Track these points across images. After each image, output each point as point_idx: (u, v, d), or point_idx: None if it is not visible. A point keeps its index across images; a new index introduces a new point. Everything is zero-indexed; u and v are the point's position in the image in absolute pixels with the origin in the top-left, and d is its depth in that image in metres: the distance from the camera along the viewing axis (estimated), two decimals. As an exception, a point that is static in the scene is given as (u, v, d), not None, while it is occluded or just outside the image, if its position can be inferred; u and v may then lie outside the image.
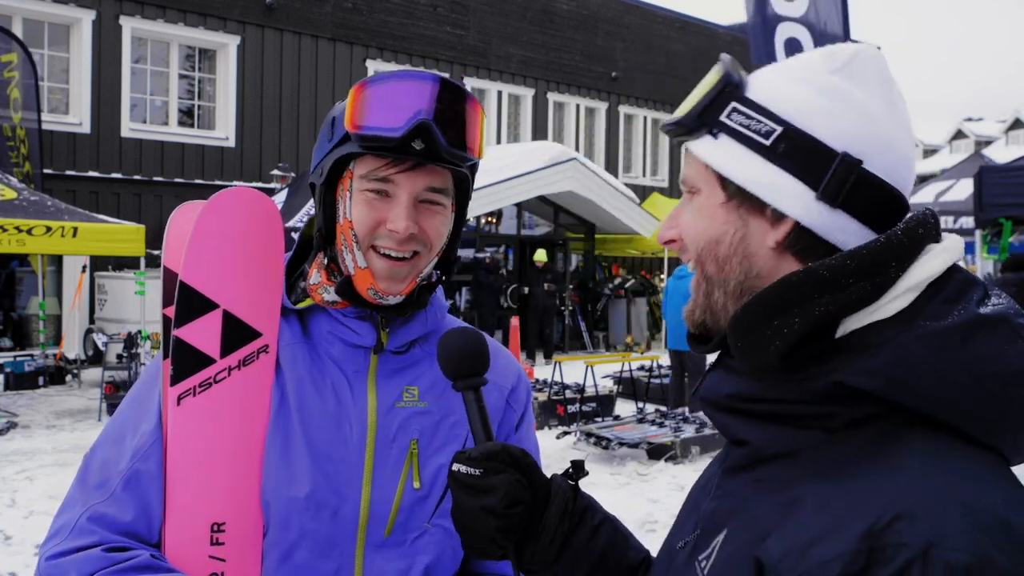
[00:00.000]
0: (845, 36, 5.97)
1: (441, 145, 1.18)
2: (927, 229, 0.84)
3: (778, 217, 0.85)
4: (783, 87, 0.87)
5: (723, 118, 0.88)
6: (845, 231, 0.84)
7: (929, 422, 0.78)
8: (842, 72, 0.86)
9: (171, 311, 1.25)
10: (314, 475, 1.22)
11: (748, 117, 0.87)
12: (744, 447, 0.88)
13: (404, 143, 1.17)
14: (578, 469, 1.10)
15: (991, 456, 0.79)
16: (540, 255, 15.68)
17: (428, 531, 1.26)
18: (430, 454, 1.28)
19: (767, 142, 0.85)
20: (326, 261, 1.30)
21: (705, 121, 0.89)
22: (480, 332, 1.18)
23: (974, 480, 0.74)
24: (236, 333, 1.25)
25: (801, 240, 0.85)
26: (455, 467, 1.04)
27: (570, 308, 16.58)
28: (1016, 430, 0.79)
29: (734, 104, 0.88)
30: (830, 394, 0.80)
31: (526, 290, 15.92)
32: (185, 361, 1.23)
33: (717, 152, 0.88)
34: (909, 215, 0.85)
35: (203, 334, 1.24)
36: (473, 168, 1.30)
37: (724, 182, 0.88)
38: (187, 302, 1.23)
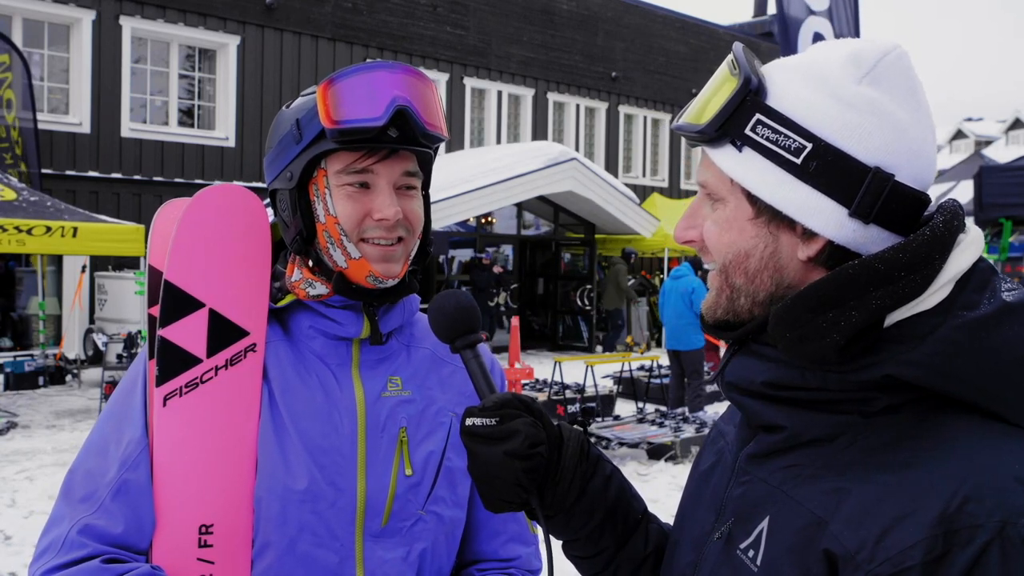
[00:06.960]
0: (856, 35, 6.06)
1: (419, 127, 1.20)
2: (959, 220, 0.85)
3: (810, 235, 0.85)
4: (808, 97, 0.84)
5: (748, 131, 0.86)
6: (876, 242, 0.84)
7: (957, 405, 0.81)
8: (869, 80, 0.84)
9: (157, 310, 1.23)
10: (310, 467, 1.22)
11: (775, 132, 0.84)
12: (776, 433, 0.89)
13: (384, 130, 1.19)
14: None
15: (1022, 432, 0.81)
16: None
17: (422, 518, 1.28)
18: (418, 441, 1.30)
19: (797, 160, 0.83)
20: (310, 263, 1.30)
21: (728, 131, 0.87)
22: (466, 292, 1.20)
23: (1019, 455, 0.77)
24: (223, 332, 1.24)
25: (833, 255, 0.85)
26: (469, 422, 1.03)
27: None
28: None
29: (759, 116, 0.85)
30: (876, 383, 0.82)
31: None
32: (171, 361, 1.22)
33: (744, 167, 0.86)
34: (940, 205, 0.87)
35: (189, 334, 1.23)
36: (437, 147, 1.32)
37: (752, 197, 0.87)
38: (172, 301, 1.22)
